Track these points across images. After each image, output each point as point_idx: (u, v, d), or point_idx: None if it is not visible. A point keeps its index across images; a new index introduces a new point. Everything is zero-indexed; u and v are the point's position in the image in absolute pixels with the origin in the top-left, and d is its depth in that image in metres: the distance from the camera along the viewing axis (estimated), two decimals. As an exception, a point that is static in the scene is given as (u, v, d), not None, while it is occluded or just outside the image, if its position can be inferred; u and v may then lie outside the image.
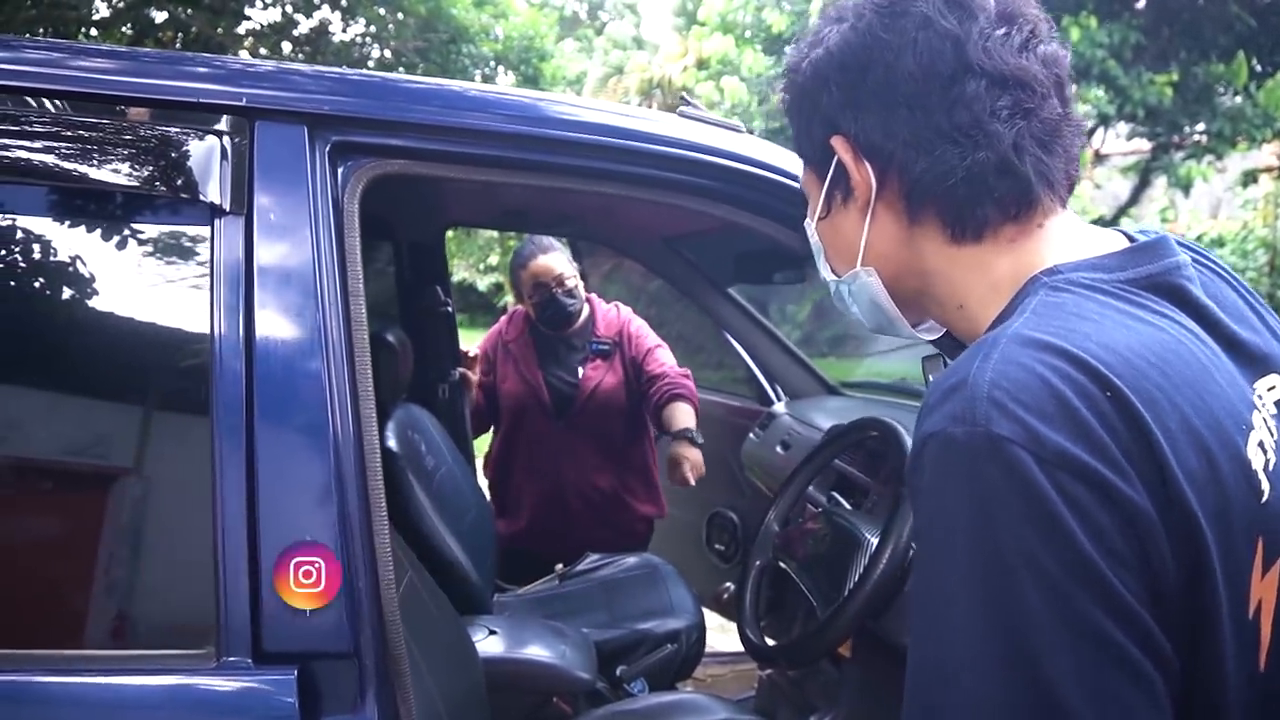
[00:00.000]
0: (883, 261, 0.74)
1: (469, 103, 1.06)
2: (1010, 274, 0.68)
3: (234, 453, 0.91)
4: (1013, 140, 0.66)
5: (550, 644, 1.84)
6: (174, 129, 0.97)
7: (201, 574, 0.91)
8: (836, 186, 0.74)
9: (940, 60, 0.66)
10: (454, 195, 1.95)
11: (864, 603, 1.25)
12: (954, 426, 0.56)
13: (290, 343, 0.95)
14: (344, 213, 1.00)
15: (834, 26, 0.71)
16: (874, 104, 0.69)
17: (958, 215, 0.68)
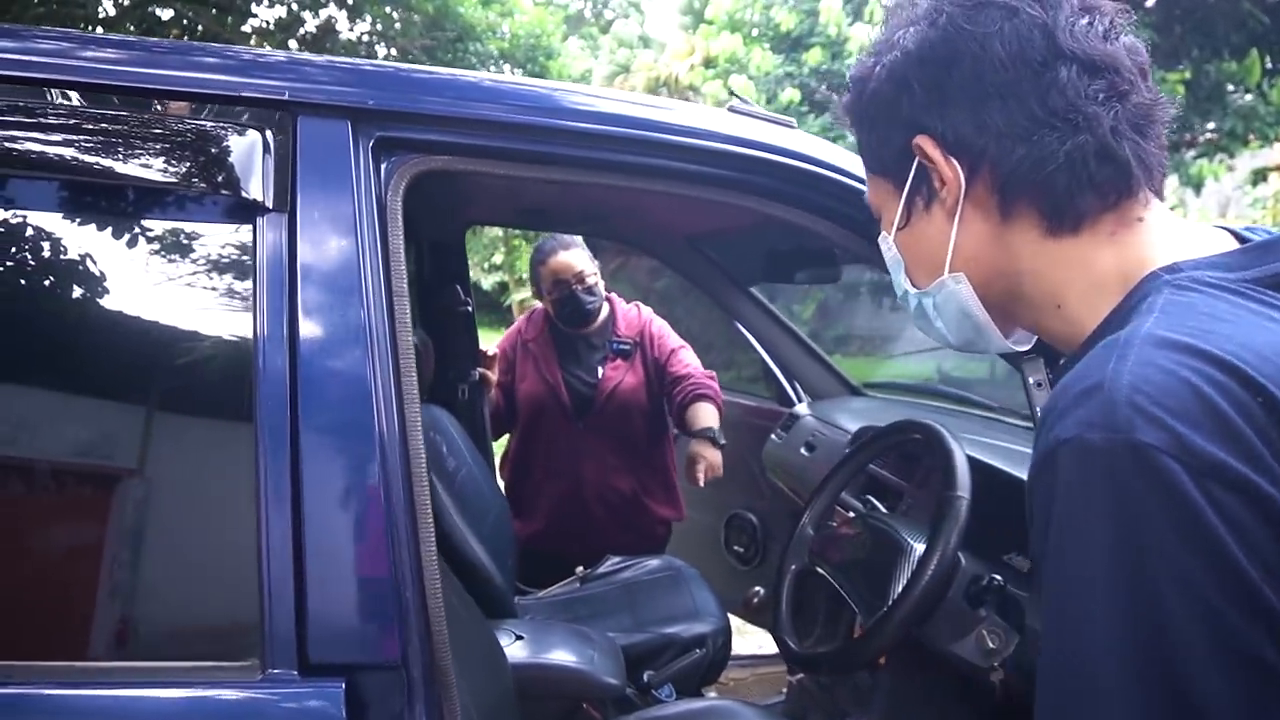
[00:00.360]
0: (972, 265, 0.71)
1: (518, 98, 1.03)
2: (1116, 270, 0.66)
3: (278, 457, 0.89)
4: (1111, 123, 0.64)
5: (578, 649, 1.81)
6: (214, 123, 0.95)
7: (245, 583, 0.88)
8: (918, 192, 0.72)
9: (1030, 47, 0.64)
10: (476, 193, 1.92)
11: (911, 611, 1.22)
12: (1091, 433, 0.53)
13: (335, 345, 0.92)
14: (387, 210, 0.98)
15: (906, 30, 0.69)
16: (962, 98, 0.67)
17: (1056, 205, 0.66)
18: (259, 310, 0.91)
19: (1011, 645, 1.32)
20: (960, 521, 1.24)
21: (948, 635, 1.38)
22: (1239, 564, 0.49)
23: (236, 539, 0.91)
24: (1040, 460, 0.56)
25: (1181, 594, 0.49)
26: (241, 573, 0.89)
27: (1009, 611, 1.34)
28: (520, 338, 2.56)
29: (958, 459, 1.32)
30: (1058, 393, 0.58)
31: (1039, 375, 0.69)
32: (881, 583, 1.35)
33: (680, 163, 1.03)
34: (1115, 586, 0.51)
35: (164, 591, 0.91)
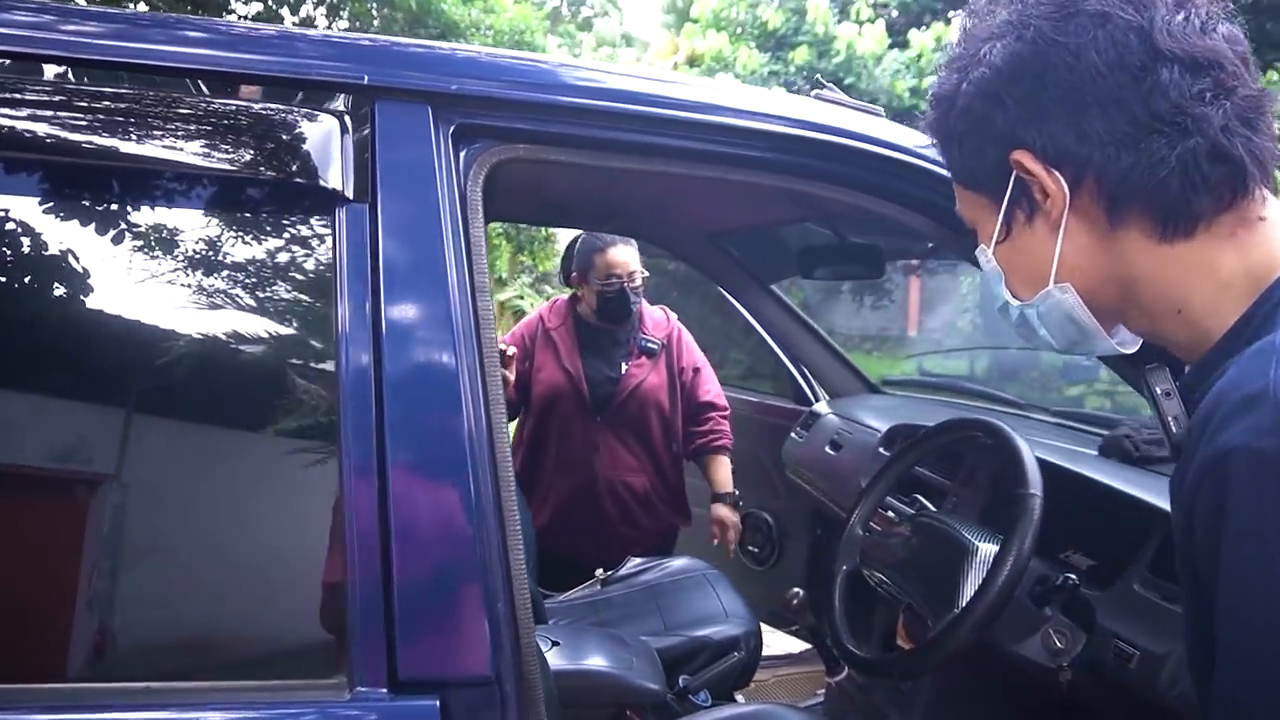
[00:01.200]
0: (1078, 274, 0.69)
1: (600, 84, 0.98)
2: (1243, 271, 0.64)
3: (364, 462, 0.84)
4: (1221, 122, 0.61)
5: (616, 654, 1.77)
6: (288, 108, 0.89)
7: (331, 596, 0.84)
8: (1017, 205, 0.69)
9: (1127, 52, 0.62)
10: (501, 186, 1.87)
11: (986, 612, 1.19)
12: (1261, 441, 0.52)
13: (422, 344, 0.87)
14: (468, 201, 0.93)
15: (992, 44, 0.67)
16: (1060, 110, 0.65)
17: (1169, 210, 0.64)
18: (341, 306, 0.86)
19: (1079, 645, 1.30)
20: (1035, 520, 1.22)
21: (1012, 635, 1.35)
22: None
23: (321, 548, 0.86)
24: (1204, 470, 0.55)
25: None
26: (327, 584, 0.84)
27: (1074, 610, 1.32)
28: (543, 325, 2.51)
29: (1026, 456, 1.29)
30: (1213, 401, 0.56)
31: (1166, 385, 0.67)
32: (946, 584, 1.32)
33: (771, 153, 1.00)
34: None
35: (243, 606, 0.86)
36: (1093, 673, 1.27)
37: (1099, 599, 1.29)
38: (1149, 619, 1.22)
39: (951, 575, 1.32)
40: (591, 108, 0.96)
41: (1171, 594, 1.23)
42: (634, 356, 2.45)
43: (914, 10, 8.08)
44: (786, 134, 1.01)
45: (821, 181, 1.03)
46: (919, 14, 8.07)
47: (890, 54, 7.61)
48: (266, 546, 0.87)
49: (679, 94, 1.00)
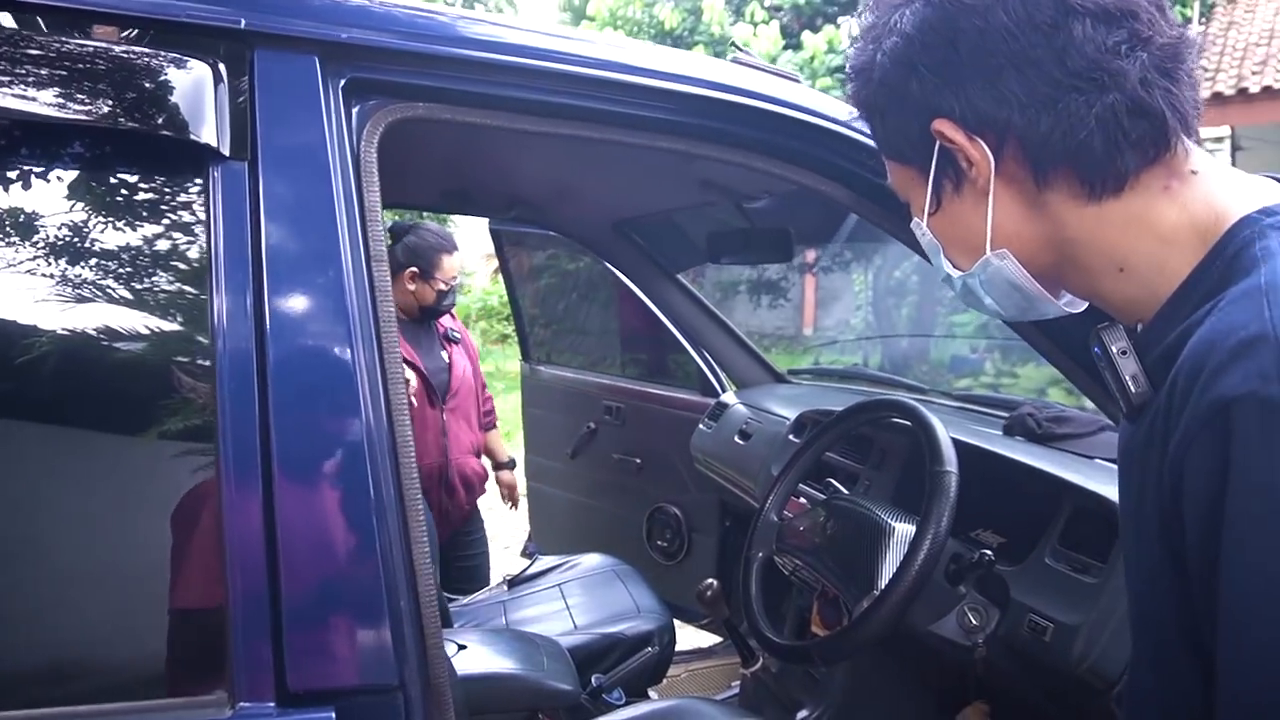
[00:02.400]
0: (1014, 240, 0.67)
1: (506, 39, 0.91)
2: (1186, 223, 0.62)
3: (244, 453, 0.75)
4: (1139, 75, 0.60)
5: (526, 655, 1.70)
6: (152, 53, 0.79)
7: (208, 602, 0.74)
8: (944, 175, 0.68)
9: (1036, 9, 0.60)
10: (397, 171, 1.77)
11: (907, 592, 1.18)
12: (1267, 386, 0.49)
13: (312, 319, 0.79)
14: (362, 163, 0.85)
15: (899, 11, 0.65)
16: (975, 74, 0.62)
17: (1095, 169, 0.62)
18: (216, 278, 0.76)
19: (994, 621, 1.30)
20: (952, 498, 1.21)
21: (927, 615, 1.35)
22: None
23: (195, 552, 0.76)
24: (1199, 421, 0.52)
25: None
26: (206, 593, 0.74)
27: (988, 587, 1.33)
28: None
29: (941, 434, 1.29)
30: (1201, 349, 0.54)
31: (1122, 342, 0.65)
32: (864, 566, 1.30)
33: (686, 116, 0.95)
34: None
35: (113, 622, 0.76)
36: (1008, 648, 1.28)
37: (1012, 574, 1.30)
38: (1061, 591, 1.23)
39: (869, 557, 1.31)
40: (497, 63, 0.89)
41: (1081, 565, 1.24)
42: (445, 346, 2.60)
43: (807, 13, 8.25)
44: (703, 96, 0.96)
45: (739, 148, 0.98)
46: (811, 17, 8.24)
47: (784, 55, 7.73)
48: (131, 551, 0.77)
49: (590, 51, 0.93)
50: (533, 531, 3.44)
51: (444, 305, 2.50)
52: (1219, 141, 9.48)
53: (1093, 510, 1.26)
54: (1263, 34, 7.39)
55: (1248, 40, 7.37)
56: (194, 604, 0.77)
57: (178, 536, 0.77)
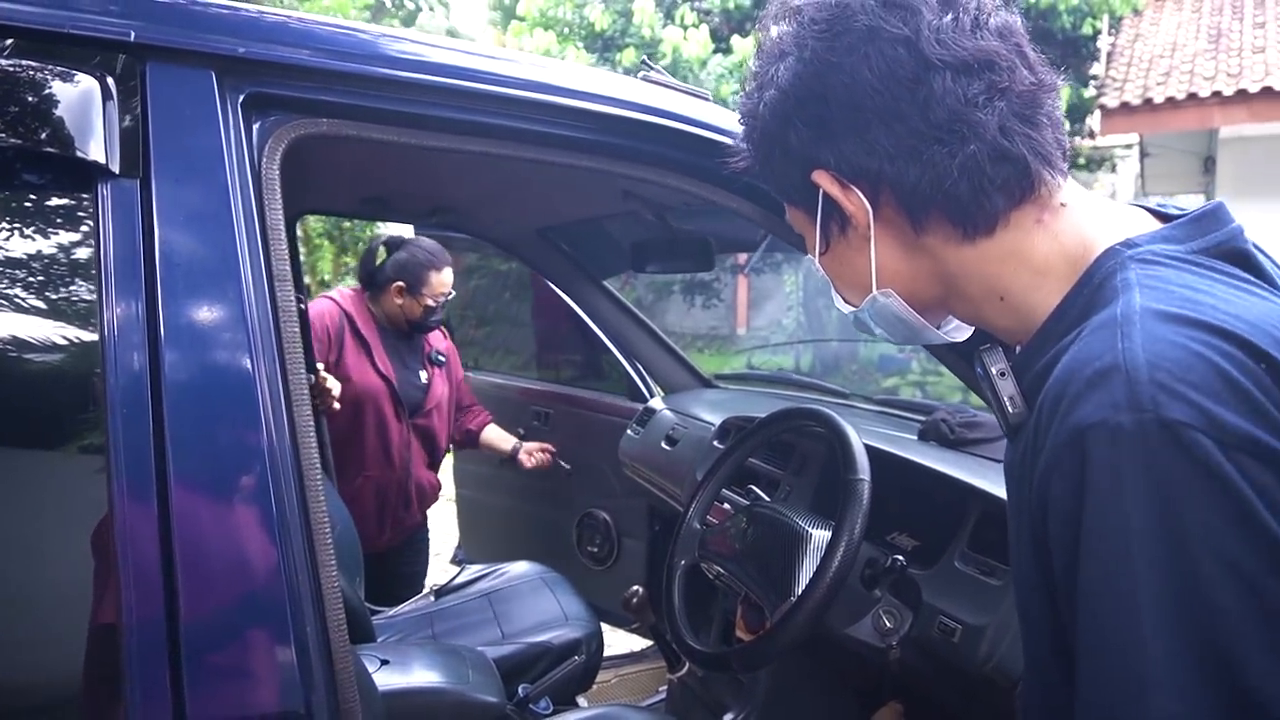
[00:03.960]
0: (899, 279, 0.71)
1: (410, 55, 0.90)
2: (1058, 254, 0.66)
3: (140, 482, 0.72)
4: (998, 125, 0.63)
5: (449, 668, 1.68)
6: (35, 66, 0.76)
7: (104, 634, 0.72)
8: (830, 219, 0.71)
9: (898, 66, 0.63)
10: (317, 176, 1.73)
11: (821, 598, 1.21)
12: (1117, 415, 0.51)
13: (209, 341, 0.76)
14: (263, 179, 0.83)
15: (778, 64, 0.68)
16: (845, 129, 0.66)
17: (964, 213, 0.66)
18: (107, 300, 0.74)
19: (907, 623, 1.34)
20: (865, 505, 1.24)
21: (844, 619, 1.38)
22: (1278, 537, 0.49)
23: (88, 576, 0.74)
24: (1059, 447, 0.55)
25: (1226, 572, 0.49)
26: (98, 622, 0.72)
27: (902, 590, 1.37)
28: (349, 321, 2.46)
29: (854, 443, 1.32)
30: (1063, 378, 0.56)
31: (1001, 364, 0.69)
32: (783, 573, 1.33)
33: (593, 133, 0.95)
34: (1160, 568, 0.50)
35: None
36: (920, 649, 1.32)
37: (924, 578, 1.34)
38: (969, 593, 1.27)
39: (787, 563, 1.33)
40: (400, 79, 0.87)
41: (988, 568, 1.29)
42: (426, 366, 2.60)
43: (736, 17, 8.33)
44: (610, 114, 0.96)
45: (646, 165, 0.99)
46: (740, 21, 8.32)
47: (715, 58, 7.80)
48: (19, 582, 0.74)
49: (495, 68, 0.93)
50: (462, 538, 3.40)
51: (430, 321, 2.49)
52: (1128, 148, 9.91)
53: (999, 515, 1.30)
54: (1166, 46, 7.74)
55: (1153, 52, 7.71)
56: (86, 630, 0.75)
57: (68, 559, 0.75)
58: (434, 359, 2.62)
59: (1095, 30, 7.90)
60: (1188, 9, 8.35)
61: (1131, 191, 11.55)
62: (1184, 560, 0.49)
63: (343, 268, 11.34)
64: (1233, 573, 0.48)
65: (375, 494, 2.49)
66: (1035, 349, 0.65)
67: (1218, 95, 6.69)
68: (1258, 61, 6.86)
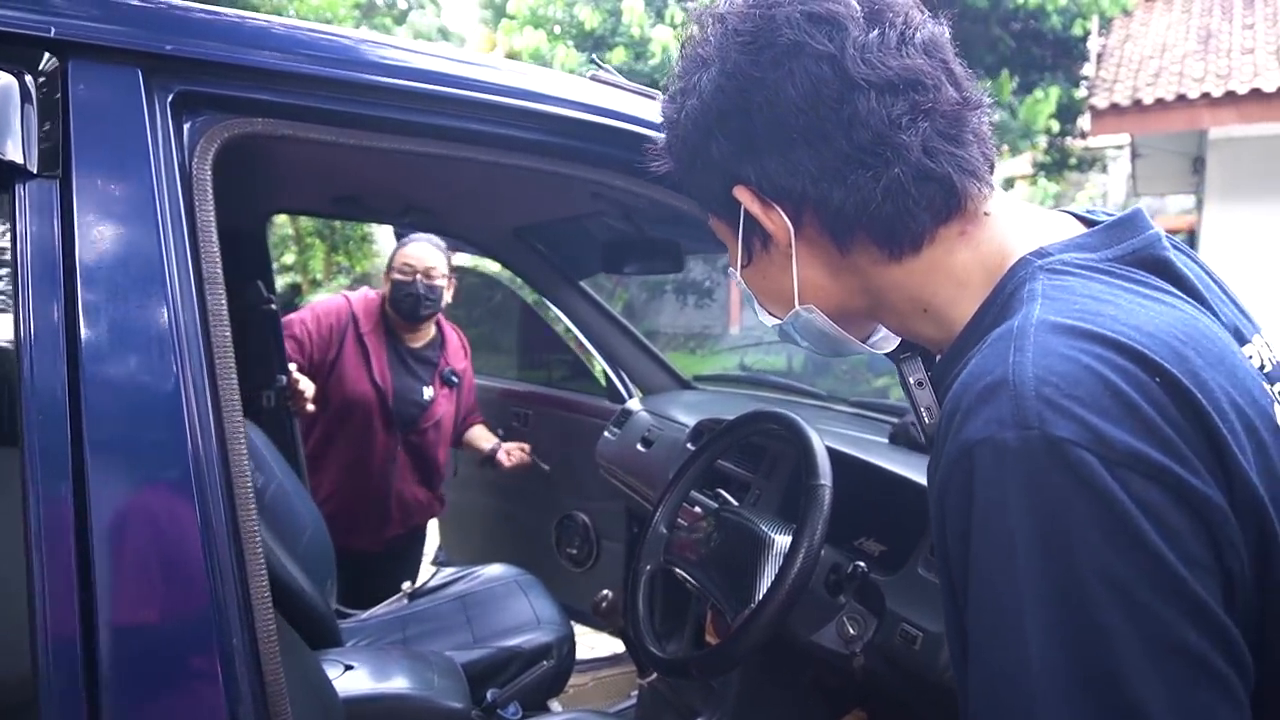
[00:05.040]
0: (822, 295, 0.70)
1: (349, 53, 0.88)
2: (977, 265, 0.65)
3: (54, 490, 0.70)
4: (921, 145, 0.62)
5: (416, 673, 1.66)
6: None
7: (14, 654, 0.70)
8: (753, 234, 0.69)
9: (823, 85, 0.61)
10: (286, 175, 1.71)
11: (780, 605, 1.19)
12: (1003, 431, 0.50)
13: (131, 348, 0.74)
14: (193, 180, 0.81)
15: (701, 73, 0.66)
16: (768, 146, 0.64)
17: (890, 234, 0.64)
18: (21, 303, 0.72)
19: (871, 629, 1.32)
20: (825, 510, 1.23)
21: (808, 625, 1.37)
22: (1163, 556, 0.48)
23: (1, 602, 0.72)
24: (951, 463, 0.54)
25: (1109, 590, 0.48)
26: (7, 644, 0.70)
27: (866, 597, 1.35)
28: (355, 324, 2.43)
29: (817, 447, 1.31)
30: (959, 391, 0.55)
31: (919, 374, 0.68)
32: (745, 578, 1.31)
33: (538, 134, 0.93)
34: (1042, 586, 0.49)
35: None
36: (883, 656, 1.30)
37: (887, 584, 1.33)
38: (930, 600, 1.26)
39: (750, 569, 1.32)
40: (335, 78, 0.85)
41: (950, 574, 1.27)
42: (435, 383, 2.54)
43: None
44: (555, 114, 0.94)
45: (594, 166, 0.98)
46: (731, 21, 8.31)
47: (705, 58, 7.78)
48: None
49: (439, 67, 0.91)
50: (443, 540, 3.38)
51: (401, 296, 2.36)
52: (1120, 149, 9.92)
53: (961, 519, 1.29)
54: (1155, 47, 7.74)
55: (1142, 53, 7.71)
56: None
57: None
58: (446, 378, 2.55)
59: (1085, 31, 7.90)
60: (1177, 10, 8.35)
61: (1124, 192, 11.57)
62: (1067, 578, 0.48)
63: (334, 266, 11.32)
64: (1115, 590, 0.47)
65: (353, 500, 2.47)
66: (949, 360, 0.64)
67: (1207, 96, 6.69)
68: (1246, 63, 6.86)
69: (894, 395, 4.53)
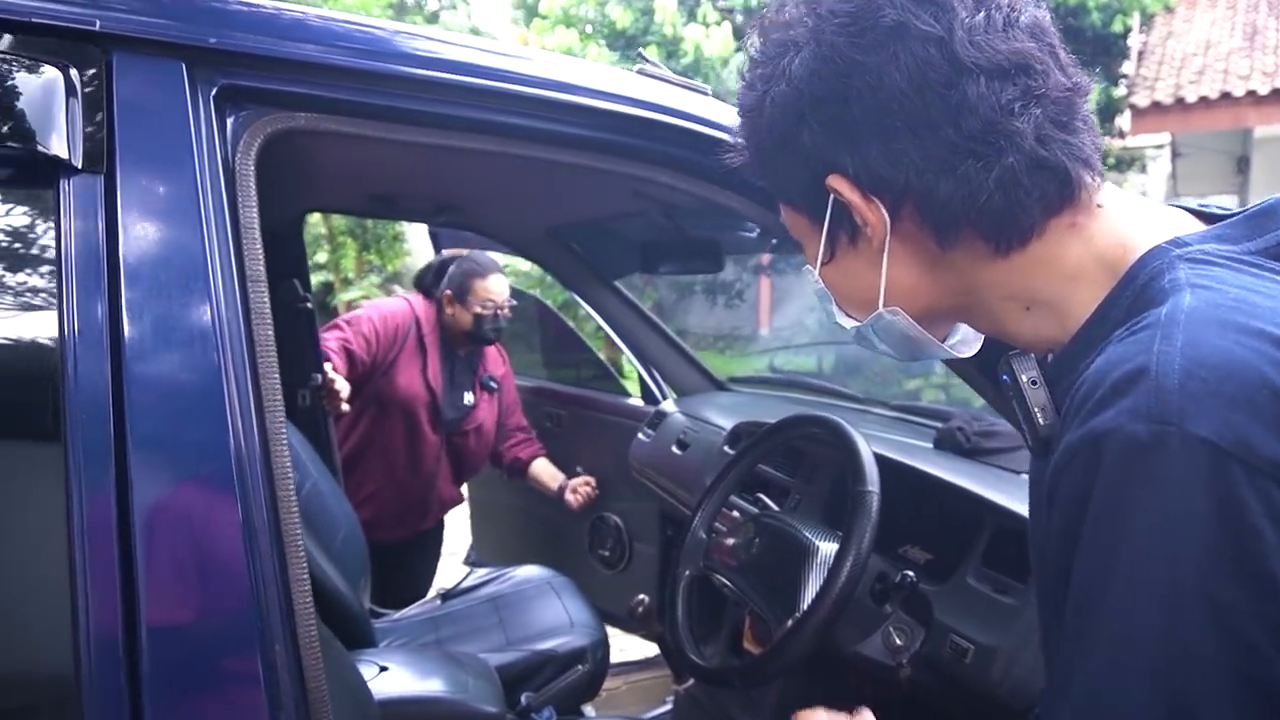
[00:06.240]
0: (911, 296, 0.65)
1: (393, 47, 0.86)
2: (1092, 257, 0.60)
3: (98, 491, 0.69)
4: (1034, 133, 0.58)
5: (450, 676, 1.65)
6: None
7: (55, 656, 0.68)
8: (839, 228, 0.64)
9: (930, 68, 0.57)
10: (320, 173, 1.70)
11: (827, 615, 1.16)
12: (1135, 424, 0.46)
13: (175, 346, 0.73)
14: (236, 176, 0.79)
15: (791, 56, 0.61)
16: (869, 134, 0.59)
17: (999, 228, 0.60)
18: (66, 300, 0.70)
19: (918, 640, 1.29)
20: (874, 518, 1.19)
21: (853, 635, 1.33)
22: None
23: (40, 599, 0.70)
24: (1071, 452, 0.50)
25: (1214, 619, 0.44)
26: (50, 644, 0.69)
27: (913, 607, 1.31)
28: (418, 327, 2.47)
29: (863, 452, 1.27)
30: (1093, 379, 0.51)
31: (1033, 372, 0.63)
32: (789, 586, 1.28)
33: (593, 131, 0.91)
34: (1144, 599, 0.46)
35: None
36: (931, 668, 1.26)
37: (936, 594, 1.29)
38: (982, 612, 1.22)
39: (793, 577, 1.28)
40: (380, 71, 0.84)
41: (1003, 586, 1.23)
42: (475, 389, 2.58)
43: (758, 15, 8.26)
44: (604, 109, 0.92)
45: (643, 162, 0.95)
46: (763, 19, 8.26)
47: (737, 57, 7.72)
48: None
49: (484, 61, 0.89)
50: (474, 540, 3.38)
51: (484, 330, 2.44)
52: (1159, 148, 9.73)
53: (1014, 530, 1.24)
54: (1199, 44, 7.58)
55: (1185, 51, 7.56)
56: (40, 643, 0.72)
57: (18, 581, 0.71)
58: (485, 383, 2.59)
59: (1126, 28, 7.74)
60: (1221, 6, 8.17)
61: (1163, 192, 11.35)
62: (1172, 599, 0.45)
63: (365, 265, 11.42)
64: (1221, 621, 0.44)
65: (395, 499, 2.50)
66: (1070, 358, 0.60)
67: (1253, 94, 6.54)
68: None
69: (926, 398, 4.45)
